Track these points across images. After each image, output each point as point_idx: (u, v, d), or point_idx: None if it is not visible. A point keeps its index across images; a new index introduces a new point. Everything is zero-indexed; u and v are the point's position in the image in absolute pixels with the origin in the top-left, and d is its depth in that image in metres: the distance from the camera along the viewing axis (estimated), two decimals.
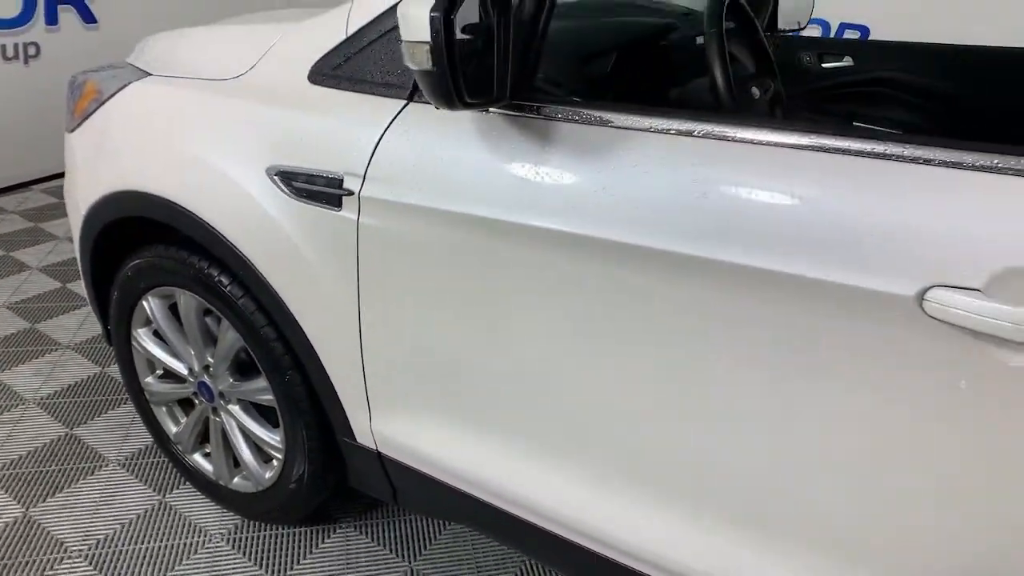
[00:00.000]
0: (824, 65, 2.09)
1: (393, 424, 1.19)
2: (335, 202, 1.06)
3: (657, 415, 0.91)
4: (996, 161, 0.67)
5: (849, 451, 0.78)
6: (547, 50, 0.94)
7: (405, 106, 1.02)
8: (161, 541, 1.50)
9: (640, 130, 0.86)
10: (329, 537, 1.54)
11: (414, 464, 1.20)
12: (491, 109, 0.93)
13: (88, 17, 3.07)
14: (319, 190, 1.07)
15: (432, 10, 0.71)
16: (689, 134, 0.83)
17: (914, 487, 0.75)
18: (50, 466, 1.68)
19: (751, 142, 0.79)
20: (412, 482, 1.23)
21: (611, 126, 0.88)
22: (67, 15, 3.01)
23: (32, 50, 2.93)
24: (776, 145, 0.78)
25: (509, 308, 0.98)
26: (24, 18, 2.87)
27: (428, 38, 0.72)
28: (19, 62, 2.90)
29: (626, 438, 0.95)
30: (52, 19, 2.96)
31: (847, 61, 2.08)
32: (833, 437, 0.78)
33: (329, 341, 1.18)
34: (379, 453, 1.23)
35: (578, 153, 0.88)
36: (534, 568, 1.48)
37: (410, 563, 1.49)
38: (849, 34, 4.58)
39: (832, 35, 4.72)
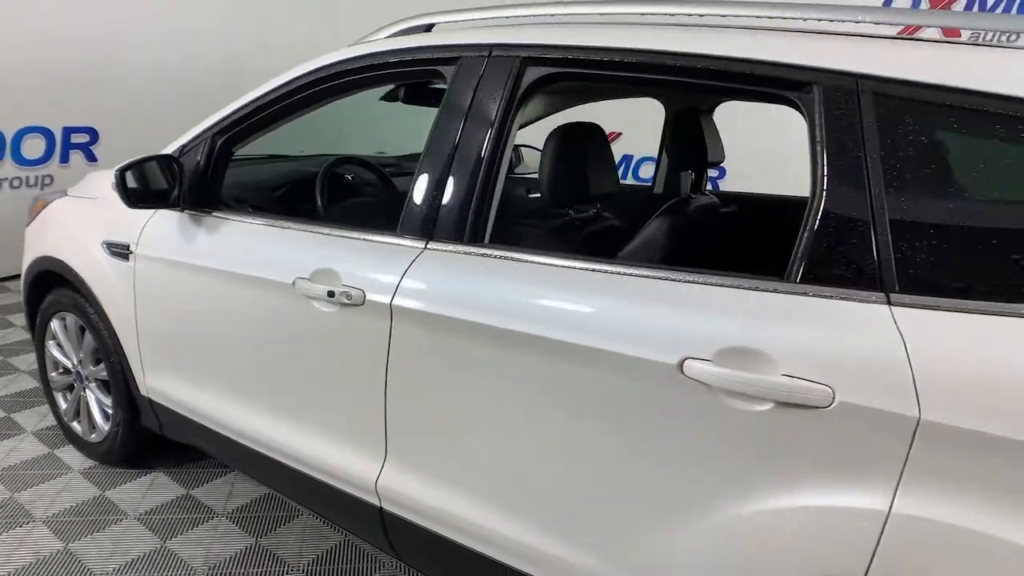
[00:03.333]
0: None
1: (156, 379, 2.15)
2: (126, 257, 2.10)
3: (276, 373, 1.85)
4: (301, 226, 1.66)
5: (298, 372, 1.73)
6: (242, 181, 1.99)
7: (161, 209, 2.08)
8: (43, 470, 2.45)
9: (238, 221, 1.88)
10: (144, 476, 2.46)
11: (166, 404, 2.15)
12: (185, 210, 1.96)
13: (91, 157, 4.37)
14: (119, 251, 2.11)
15: (116, 169, 1.78)
16: (270, 227, 1.85)
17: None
18: None
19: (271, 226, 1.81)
20: (168, 416, 2.17)
21: (231, 220, 1.90)
22: (76, 156, 4.30)
23: (48, 180, 4.20)
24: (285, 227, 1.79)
25: (194, 308, 1.97)
26: (45, 159, 4.16)
27: (114, 179, 1.79)
28: (37, 187, 4.16)
29: (264, 379, 1.89)
30: (65, 159, 4.26)
31: None
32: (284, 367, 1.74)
33: (125, 333, 2.17)
34: (150, 399, 2.19)
35: (213, 229, 1.91)
36: (276, 499, 2.37)
37: (188, 490, 2.39)
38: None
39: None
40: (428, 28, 1.70)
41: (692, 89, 1.97)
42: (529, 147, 3.31)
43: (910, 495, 1.01)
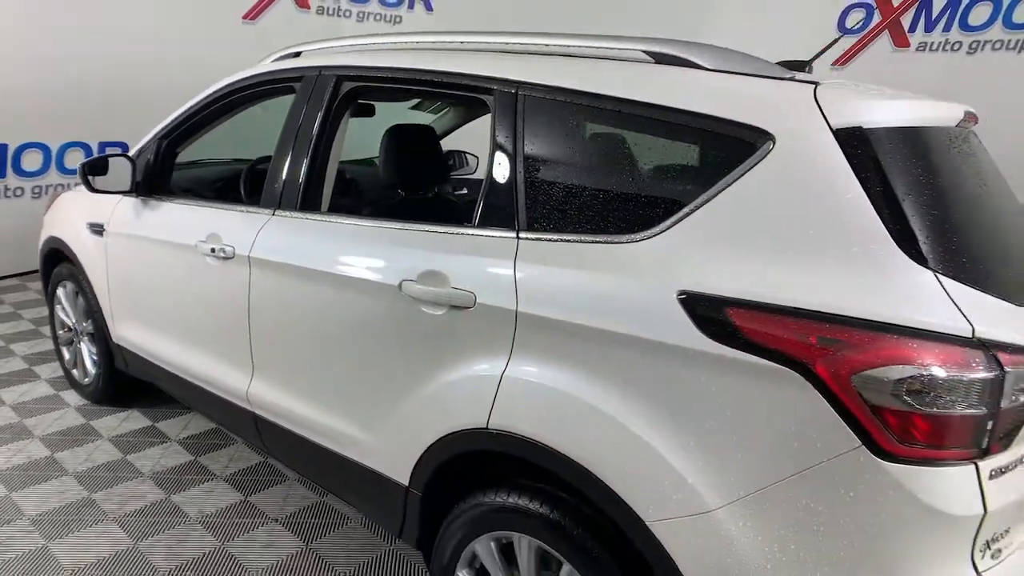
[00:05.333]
0: None
1: (121, 328, 2.78)
2: (101, 234, 2.74)
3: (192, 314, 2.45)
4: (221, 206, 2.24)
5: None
6: (187, 178, 2.62)
7: (125, 195, 2.71)
8: (47, 405, 3.12)
9: (171, 203, 2.49)
10: (122, 412, 3.10)
11: (128, 347, 2.77)
12: (138, 196, 2.58)
13: None
14: (97, 229, 2.75)
15: (80, 164, 2.41)
16: (188, 205, 2.45)
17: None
18: (10, 380, 3.37)
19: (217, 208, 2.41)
20: (130, 357, 2.79)
21: (167, 202, 2.51)
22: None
23: (49, 189, 4.97)
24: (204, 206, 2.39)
25: (141, 268, 2.58)
26: (43, 170, 4.95)
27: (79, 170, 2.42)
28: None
29: (180, 319, 2.49)
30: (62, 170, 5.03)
31: None
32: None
33: (101, 292, 2.81)
34: (119, 344, 2.82)
35: (155, 209, 2.52)
36: (220, 431, 2.96)
37: (154, 423, 3.01)
38: None
39: None
40: (297, 55, 2.26)
41: (428, 96, 2.41)
42: (472, 154, 3.83)
43: (515, 363, 1.49)
